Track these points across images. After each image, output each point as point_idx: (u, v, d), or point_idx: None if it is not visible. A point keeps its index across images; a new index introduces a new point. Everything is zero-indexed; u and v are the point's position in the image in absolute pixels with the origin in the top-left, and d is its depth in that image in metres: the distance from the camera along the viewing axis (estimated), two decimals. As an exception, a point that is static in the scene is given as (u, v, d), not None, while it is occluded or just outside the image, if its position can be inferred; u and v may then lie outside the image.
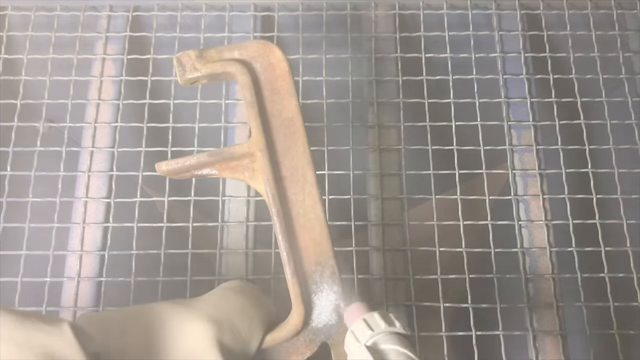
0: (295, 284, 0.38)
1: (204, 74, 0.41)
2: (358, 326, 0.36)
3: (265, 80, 0.41)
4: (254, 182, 0.40)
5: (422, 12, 0.62)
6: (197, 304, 0.37)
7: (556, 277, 0.53)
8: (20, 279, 0.53)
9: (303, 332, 0.38)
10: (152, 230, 0.54)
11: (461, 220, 0.54)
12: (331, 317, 0.38)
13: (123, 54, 0.61)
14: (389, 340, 0.34)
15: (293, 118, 0.40)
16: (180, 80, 0.41)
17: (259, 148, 0.39)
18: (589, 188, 0.55)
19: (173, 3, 0.63)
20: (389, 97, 0.60)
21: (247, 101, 0.40)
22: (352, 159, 0.57)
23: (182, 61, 0.41)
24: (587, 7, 0.63)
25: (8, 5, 0.63)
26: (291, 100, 0.41)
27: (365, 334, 0.35)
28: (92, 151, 0.58)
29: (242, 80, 0.40)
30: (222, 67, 0.41)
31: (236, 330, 0.36)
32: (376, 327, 0.35)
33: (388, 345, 0.34)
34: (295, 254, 0.39)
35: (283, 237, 0.38)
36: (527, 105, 0.59)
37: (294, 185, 0.40)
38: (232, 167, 0.40)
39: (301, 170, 0.40)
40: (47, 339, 0.28)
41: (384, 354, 0.34)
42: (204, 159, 0.39)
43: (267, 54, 0.41)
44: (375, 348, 0.34)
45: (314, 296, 0.39)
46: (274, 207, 0.39)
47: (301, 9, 0.63)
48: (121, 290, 0.53)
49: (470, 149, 0.57)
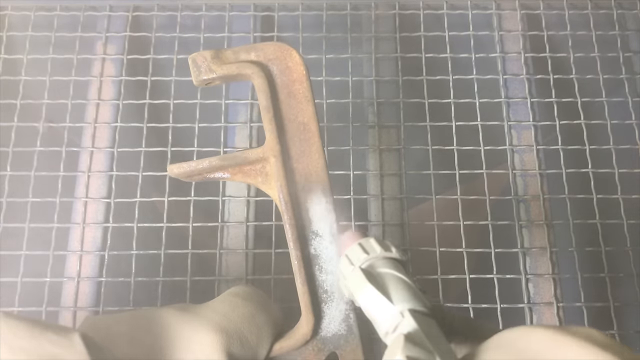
0: (305, 293, 0.37)
1: (220, 76, 0.39)
2: (353, 250, 0.35)
3: (282, 84, 0.40)
4: (267, 187, 0.39)
5: (422, 12, 0.62)
6: (205, 312, 0.36)
7: (556, 277, 0.53)
8: (20, 279, 0.53)
9: (312, 342, 0.38)
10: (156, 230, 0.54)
11: (461, 220, 0.54)
12: (341, 327, 0.38)
13: (123, 54, 0.61)
14: (385, 264, 0.33)
15: (309, 123, 0.40)
16: (195, 81, 0.40)
17: (273, 154, 0.38)
18: (589, 188, 0.55)
19: (173, 3, 0.63)
20: (389, 97, 0.60)
21: (262, 105, 0.39)
22: (352, 159, 0.57)
23: (198, 62, 0.40)
24: (587, 7, 0.63)
25: (8, 5, 0.63)
26: (307, 105, 0.40)
27: (360, 257, 0.34)
28: (92, 151, 0.58)
29: (258, 83, 0.39)
30: (238, 68, 0.39)
31: (245, 339, 0.36)
32: (372, 251, 0.34)
33: (383, 269, 0.33)
34: (307, 263, 0.38)
35: (295, 245, 0.38)
36: (527, 105, 0.59)
37: (308, 192, 0.39)
38: (244, 171, 0.39)
39: (315, 176, 0.39)
40: (57, 349, 0.28)
41: (379, 277, 0.32)
42: (216, 162, 0.39)
43: (284, 57, 0.40)
44: (370, 271, 0.33)
45: (324, 305, 0.38)
46: (286, 214, 0.38)
47: (301, 9, 0.63)
48: (121, 289, 0.53)
49: (470, 149, 0.57)
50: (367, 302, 0.32)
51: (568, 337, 0.26)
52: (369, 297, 0.31)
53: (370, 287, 0.31)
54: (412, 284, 0.32)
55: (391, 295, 0.31)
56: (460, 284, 0.52)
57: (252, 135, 0.58)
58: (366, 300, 0.32)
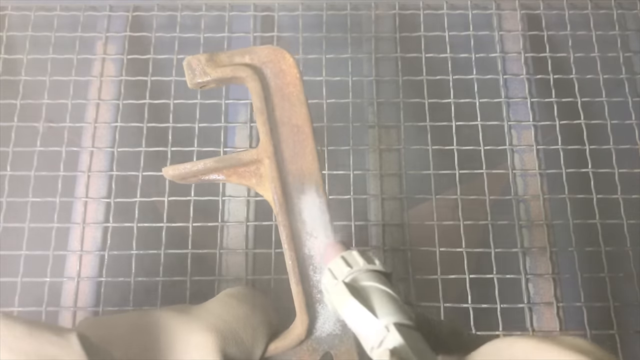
0: (299, 293, 0.38)
1: (214, 79, 0.40)
2: (336, 263, 0.34)
3: (276, 87, 0.40)
4: (261, 189, 0.39)
5: (422, 12, 0.62)
6: (201, 313, 0.37)
7: (556, 277, 0.53)
8: (20, 279, 0.53)
9: (306, 341, 0.38)
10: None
11: (461, 220, 0.54)
12: (335, 327, 0.38)
13: (123, 54, 0.61)
14: (368, 277, 0.33)
15: (302, 125, 0.40)
16: (189, 84, 0.40)
17: (267, 155, 0.39)
18: (589, 188, 0.55)
19: (173, 3, 0.63)
20: (389, 97, 0.60)
21: (256, 107, 0.39)
22: (352, 159, 0.57)
23: (192, 65, 0.40)
24: (587, 7, 0.63)
25: (8, 5, 0.63)
26: (301, 107, 0.40)
27: (343, 271, 0.34)
28: (92, 151, 0.58)
29: (252, 86, 0.40)
30: (233, 72, 0.40)
31: (240, 340, 0.36)
32: (355, 264, 0.34)
33: (367, 283, 0.33)
34: (301, 263, 0.38)
35: (289, 246, 0.38)
36: (527, 105, 0.59)
37: (302, 193, 0.39)
38: (239, 173, 0.40)
39: (309, 177, 0.39)
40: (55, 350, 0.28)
41: (363, 291, 0.32)
42: (211, 164, 0.39)
43: (278, 60, 0.41)
44: (354, 285, 0.33)
45: (318, 305, 0.38)
46: (280, 215, 0.38)
47: (301, 9, 0.63)
48: (121, 288, 0.53)
49: (470, 149, 0.57)
50: (352, 316, 0.32)
51: (550, 345, 0.27)
52: (353, 311, 0.31)
53: (354, 302, 0.31)
54: (397, 296, 0.32)
55: (375, 309, 0.31)
56: (460, 284, 0.52)
57: (252, 135, 0.58)
58: (350, 314, 0.32)
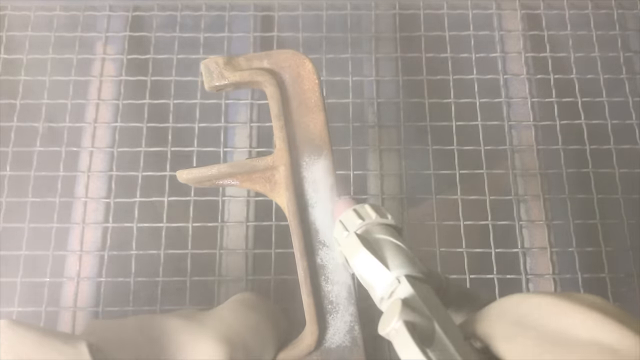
0: (311, 304, 0.37)
1: (232, 82, 0.40)
2: (347, 215, 0.34)
3: (294, 92, 0.40)
4: (275, 195, 0.39)
5: (422, 12, 0.62)
6: (209, 321, 0.37)
7: (556, 277, 0.53)
8: (19, 279, 0.52)
9: (315, 353, 0.38)
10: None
11: (461, 220, 0.54)
12: (345, 339, 0.38)
13: (123, 54, 0.61)
14: (380, 230, 0.32)
15: (320, 132, 0.39)
16: (207, 86, 0.40)
17: (282, 162, 0.38)
18: (590, 188, 0.55)
19: (173, 3, 0.63)
20: (389, 97, 0.60)
21: (273, 113, 0.39)
22: (352, 159, 0.57)
23: (210, 68, 0.40)
24: (587, 7, 0.63)
25: (8, 5, 0.63)
26: (319, 114, 0.40)
27: (355, 223, 0.33)
28: (92, 151, 0.58)
29: (270, 91, 0.39)
30: (251, 76, 0.39)
31: (249, 349, 0.36)
32: (367, 217, 0.33)
33: (379, 235, 0.32)
34: (313, 273, 0.38)
35: (302, 255, 0.38)
36: (527, 105, 0.59)
37: (317, 201, 0.39)
38: (253, 179, 0.39)
39: (323, 185, 0.39)
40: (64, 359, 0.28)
41: (375, 243, 0.31)
42: (225, 169, 0.39)
43: (297, 65, 0.40)
44: (365, 237, 0.32)
45: (328, 316, 0.38)
46: (293, 223, 0.38)
47: (301, 9, 0.63)
48: (121, 288, 0.53)
49: (470, 149, 0.57)
50: (362, 267, 0.31)
51: (570, 303, 0.26)
52: (364, 262, 0.31)
53: (365, 252, 0.31)
54: (409, 250, 0.31)
55: (387, 260, 0.30)
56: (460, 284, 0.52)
57: (252, 135, 0.58)
58: (361, 265, 0.31)
